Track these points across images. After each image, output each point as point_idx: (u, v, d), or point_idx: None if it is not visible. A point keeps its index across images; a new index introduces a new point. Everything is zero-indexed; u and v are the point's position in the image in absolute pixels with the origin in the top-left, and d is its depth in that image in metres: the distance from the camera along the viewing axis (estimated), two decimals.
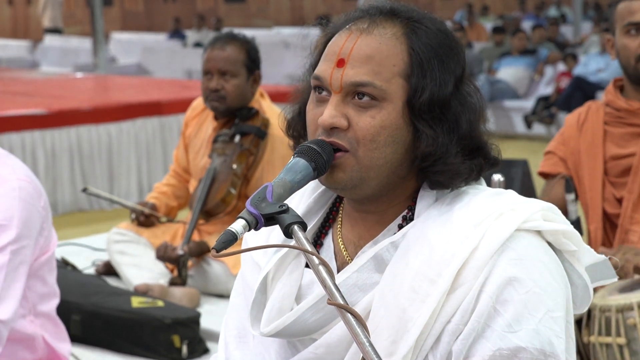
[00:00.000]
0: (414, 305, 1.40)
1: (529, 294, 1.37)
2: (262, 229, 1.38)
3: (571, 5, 16.92)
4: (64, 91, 9.03)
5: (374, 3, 1.53)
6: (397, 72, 1.45)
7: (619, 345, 2.51)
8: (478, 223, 1.41)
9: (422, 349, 1.39)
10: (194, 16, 18.31)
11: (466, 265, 1.39)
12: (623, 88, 2.96)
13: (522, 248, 1.40)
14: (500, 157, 1.53)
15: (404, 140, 1.45)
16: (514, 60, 11.38)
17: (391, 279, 1.43)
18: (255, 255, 1.62)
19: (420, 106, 1.44)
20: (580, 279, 1.49)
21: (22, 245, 2.34)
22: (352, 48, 1.46)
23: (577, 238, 1.47)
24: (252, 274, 1.61)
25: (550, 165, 3.03)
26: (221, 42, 3.83)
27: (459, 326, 1.38)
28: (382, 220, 1.51)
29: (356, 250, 1.53)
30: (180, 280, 3.69)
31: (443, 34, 1.49)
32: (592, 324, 2.59)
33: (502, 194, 1.48)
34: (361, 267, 1.47)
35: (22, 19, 21.94)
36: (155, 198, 4.09)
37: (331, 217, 1.59)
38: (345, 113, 1.45)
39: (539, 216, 1.43)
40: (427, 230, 1.44)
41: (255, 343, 1.60)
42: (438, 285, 1.39)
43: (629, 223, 2.85)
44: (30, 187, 2.40)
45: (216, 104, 3.81)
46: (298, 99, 1.58)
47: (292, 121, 1.58)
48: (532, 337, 1.35)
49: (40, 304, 2.50)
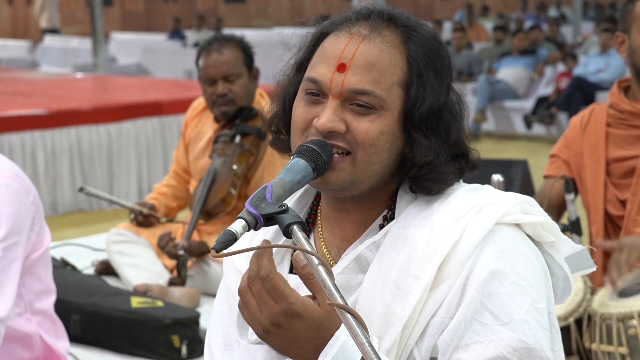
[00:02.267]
0: (398, 301, 1.41)
1: (513, 286, 1.39)
2: (244, 234, 1.37)
3: (571, 5, 16.91)
4: (64, 91, 9.03)
5: (371, 7, 1.52)
6: (396, 82, 1.46)
7: (622, 355, 2.51)
8: (459, 218, 1.44)
9: (407, 343, 1.41)
10: (193, 16, 18.31)
11: (449, 260, 1.41)
12: (628, 89, 2.94)
13: (504, 241, 1.42)
14: (479, 161, 1.55)
15: (397, 147, 1.47)
16: (514, 60, 11.38)
17: (375, 278, 1.44)
18: (237, 263, 1.62)
19: (420, 116, 1.45)
20: (561, 270, 1.51)
21: (13, 242, 2.33)
22: (354, 54, 1.46)
23: (555, 229, 1.49)
24: (235, 281, 1.58)
25: (554, 169, 3.03)
26: (216, 46, 3.80)
27: (444, 319, 1.39)
28: (364, 221, 1.52)
29: (339, 252, 1.53)
30: (179, 280, 3.69)
31: (437, 42, 1.51)
32: (593, 331, 2.59)
33: (480, 189, 1.51)
34: (344, 268, 1.49)
35: (22, 19, 21.94)
36: (155, 199, 4.08)
37: (310, 221, 1.60)
38: (343, 118, 1.45)
39: (517, 209, 1.46)
40: (408, 227, 1.46)
41: (241, 351, 1.58)
42: (421, 280, 1.40)
43: (633, 225, 2.85)
44: (16, 183, 2.39)
45: (225, 108, 3.80)
46: (281, 95, 1.57)
47: (275, 117, 1.58)
48: (521, 328, 1.37)
49: (37, 302, 2.49)
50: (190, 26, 18.46)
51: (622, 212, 2.88)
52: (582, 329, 2.65)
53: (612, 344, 2.53)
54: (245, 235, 1.43)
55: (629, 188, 2.88)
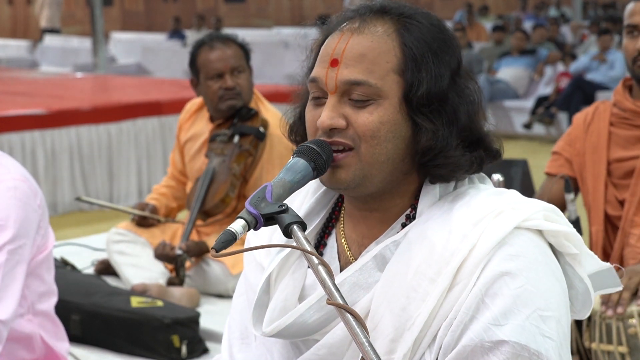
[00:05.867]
0: (414, 304, 1.40)
1: (520, 290, 1.36)
2: (264, 229, 1.38)
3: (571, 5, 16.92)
4: (64, 91, 9.03)
5: (364, 3, 1.53)
6: (390, 69, 1.45)
7: (621, 354, 2.51)
8: (477, 221, 1.42)
9: (420, 347, 1.40)
10: (193, 16, 18.31)
11: (464, 263, 1.39)
12: (632, 88, 2.94)
13: (520, 245, 1.40)
14: (502, 150, 1.52)
15: (403, 135, 1.45)
16: (514, 60, 11.38)
17: (391, 278, 1.43)
18: (258, 256, 1.62)
19: (418, 100, 1.44)
20: (582, 283, 1.48)
21: (19, 245, 2.34)
22: (344, 48, 1.46)
23: (579, 241, 1.46)
24: (255, 274, 1.61)
25: (556, 166, 3.02)
26: (218, 42, 3.81)
27: (452, 321, 1.38)
28: (385, 219, 1.51)
29: (360, 249, 1.53)
30: (178, 280, 3.69)
31: (436, 28, 1.49)
32: (592, 330, 2.59)
33: (503, 193, 1.48)
34: (363, 266, 1.47)
35: (22, 18, 21.94)
36: (156, 199, 4.08)
37: (334, 217, 1.59)
38: (343, 113, 1.45)
39: (540, 216, 1.43)
40: (427, 229, 1.44)
41: (258, 344, 1.60)
42: (437, 284, 1.39)
43: (630, 226, 2.84)
44: (25, 186, 2.39)
45: (233, 102, 3.79)
46: (298, 103, 1.58)
47: (294, 125, 1.58)
48: (516, 333, 1.35)
49: (39, 303, 2.49)
50: (190, 26, 18.46)
51: (620, 213, 2.87)
52: (581, 329, 2.65)
53: (611, 343, 2.53)
54: (264, 231, 1.43)
55: (628, 188, 2.87)
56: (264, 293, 1.54)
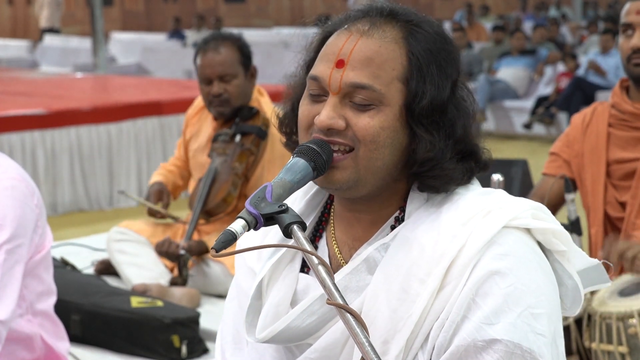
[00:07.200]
0: (405, 305, 1.40)
1: (510, 289, 1.37)
2: (255, 234, 1.37)
3: (571, 5, 16.92)
4: (64, 91, 9.03)
5: (373, 4, 1.52)
6: (395, 76, 1.45)
7: (621, 354, 2.51)
8: (466, 221, 1.42)
9: (413, 347, 1.40)
10: (193, 16, 18.31)
11: (454, 264, 1.40)
12: (629, 88, 2.94)
13: (509, 244, 1.40)
14: (490, 161, 1.53)
15: (400, 143, 1.45)
16: (514, 60, 11.38)
17: (382, 280, 1.44)
18: (249, 261, 1.62)
19: (420, 111, 1.44)
20: (571, 280, 1.48)
21: (17, 245, 2.34)
22: (352, 49, 1.45)
23: (567, 238, 1.47)
24: (247, 279, 1.60)
25: (554, 168, 3.02)
26: (213, 45, 3.80)
27: (444, 321, 1.39)
28: (375, 221, 1.51)
29: (350, 252, 1.53)
30: (181, 280, 3.69)
31: (441, 37, 1.49)
32: (592, 330, 2.58)
33: (491, 193, 1.49)
34: (354, 269, 1.48)
35: (22, 18, 21.94)
36: (163, 175, 4.09)
37: (323, 220, 1.59)
38: (343, 114, 1.45)
39: (528, 214, 1.44)
40: (416, 230, 1.45)
41: (250, 349, 1.59)
42: (428, 285, 1.40)
43: (632, 228, 2.83)
44: (22, 185, 2.39)
45: (221, 109, 3.80)
46: (291, 96, 1.57)
47: (285, 118, 1.58)
48: (509, 331, 1.35)
49: (38, 303, 2.49)
50: (190, 26, 18.46)
51: (622, 214, 2.87)
52: (581, 329, 2.65)
53: (611, 343, 2.53)
54: (257, 234, 1.43)
55: (628, 190, 2.87)
56: (256, 299, 1.54)
